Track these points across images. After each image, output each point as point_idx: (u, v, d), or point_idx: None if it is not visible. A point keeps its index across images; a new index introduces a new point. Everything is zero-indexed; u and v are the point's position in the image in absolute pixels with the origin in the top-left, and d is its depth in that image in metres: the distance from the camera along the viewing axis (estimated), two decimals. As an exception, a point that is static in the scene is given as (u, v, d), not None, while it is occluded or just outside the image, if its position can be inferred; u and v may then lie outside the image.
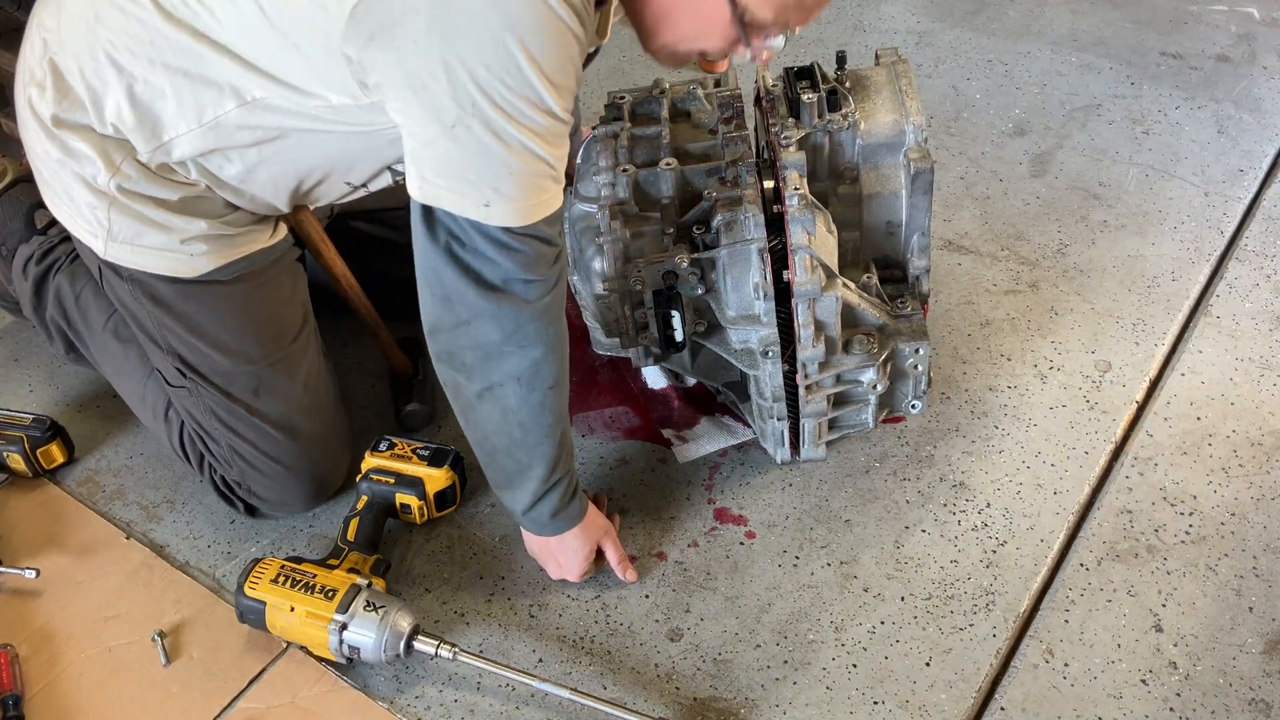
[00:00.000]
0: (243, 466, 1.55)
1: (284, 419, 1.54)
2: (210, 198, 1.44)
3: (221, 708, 1.41)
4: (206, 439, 1.56)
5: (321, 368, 1.59)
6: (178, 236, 1.43)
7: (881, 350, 1.49)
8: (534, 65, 1.15)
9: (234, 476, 1.57)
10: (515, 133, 1.19)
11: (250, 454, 1.54)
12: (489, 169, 1.21)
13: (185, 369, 1.51)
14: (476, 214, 1.23)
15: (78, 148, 1.38)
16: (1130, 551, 1.51)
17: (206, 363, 1.50)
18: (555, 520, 1.45)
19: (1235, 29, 2.45)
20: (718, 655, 1.44)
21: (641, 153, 1.53)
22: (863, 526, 1.57)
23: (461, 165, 1.22)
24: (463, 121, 1.18)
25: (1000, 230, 2.00)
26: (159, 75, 1.32)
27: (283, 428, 1.53)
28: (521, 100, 1.17)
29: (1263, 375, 1.72)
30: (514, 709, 1.40)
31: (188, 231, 1.43)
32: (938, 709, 1.37)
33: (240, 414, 1.52)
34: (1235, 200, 2.03)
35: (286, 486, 1.58)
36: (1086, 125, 2.22)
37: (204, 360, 1.50)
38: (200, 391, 1.52)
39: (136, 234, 1.42)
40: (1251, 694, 1.36)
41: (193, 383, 1.52)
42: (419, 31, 1.15)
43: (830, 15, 2.58)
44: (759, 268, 1.42)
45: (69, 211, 1.46)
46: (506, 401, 1.35)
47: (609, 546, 1.51)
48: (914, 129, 1.50)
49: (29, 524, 1.63)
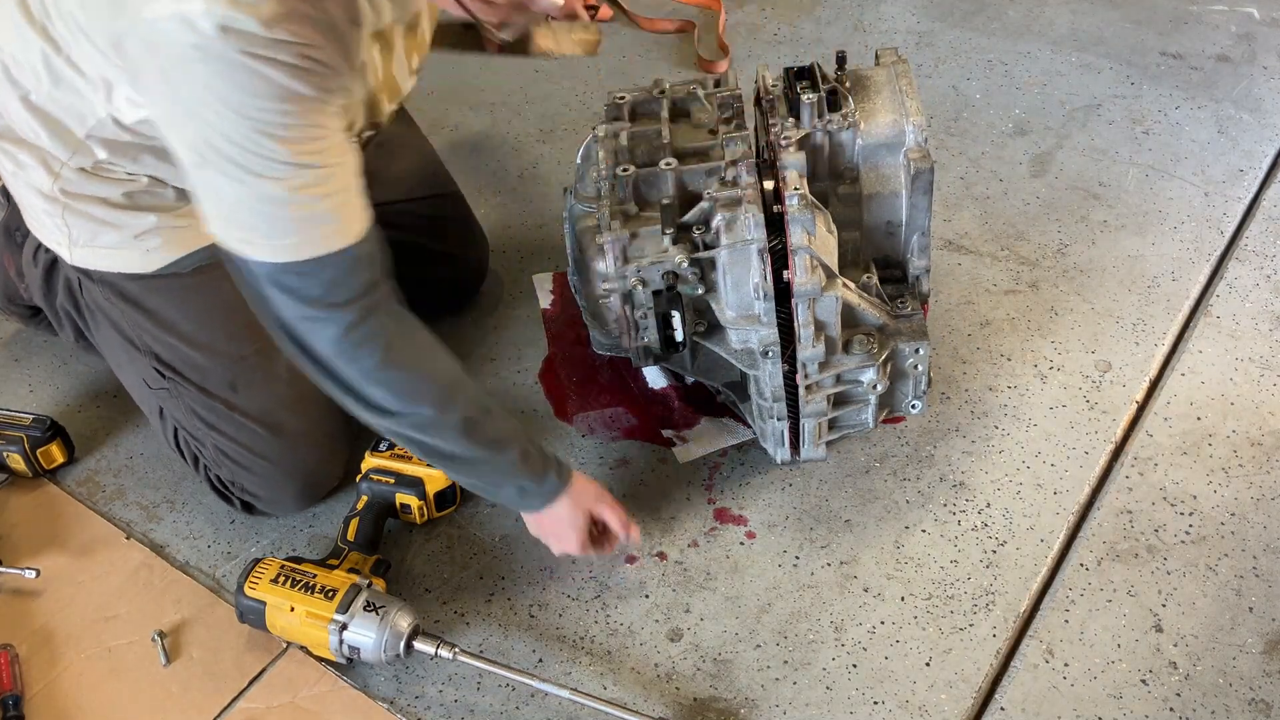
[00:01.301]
0: (231, 465, 1.55)
1: (266, 415, 1.52)
2: (157, 190, 1.43)
3: (221, 708, 1.41)
4: (193, 440, 1.56)
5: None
6: (130, 232, 1.44)
7: (881, 350, 1.49)
8: (261, 131, 1.12)
9: (225, 475, 1.57)
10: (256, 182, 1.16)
11: (235, 452, 1.54)
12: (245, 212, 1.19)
13: (162, 368, 1.51)
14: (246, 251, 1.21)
15: (23, 158, 1.41)
16: (1130, 551, 1.51)
17: (180, 358, 1.50)
18: (530, 498, 1.43)
19: (1235, 29, 2.45)
20: (718, 655, 1.44)
21: (641, 153, 1.53)
22: (863, 526, 1.57)
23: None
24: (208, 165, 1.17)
25: (1000, 230, 2.00)
26: (44, 85, 1.32)
27: (265, 424, 1.52)
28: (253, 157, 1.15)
29: (1263, 375, 1.73)
30: (514, 709, 1.40)
31: (139, 227, 1.43)
32: (938, 709, 1.37)
33: (220, 410, 1.51)
34: (1235, 200, 2.03)
35: (276, 484, 1.57)
36: (1086, 125, 2.22)
37: (177, 356, 1.50)
38: (180, 391, 1.52)
39: (93, 235, 1.44)
40: (1251, 694, 1.36)
41: (171, 383, 1.52)
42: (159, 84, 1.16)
43: (830, 15, 2.58)
44: (759, 268, 1.42)
45: (36, 225, 1.48)
46: (409, 437, 1.34)
47: (606, 511, 1.47)
48: (914, 129, 1.50)
49: (29, 524, 1.64)
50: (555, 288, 1.92)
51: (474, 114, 2.38)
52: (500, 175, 2.21)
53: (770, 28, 2.57)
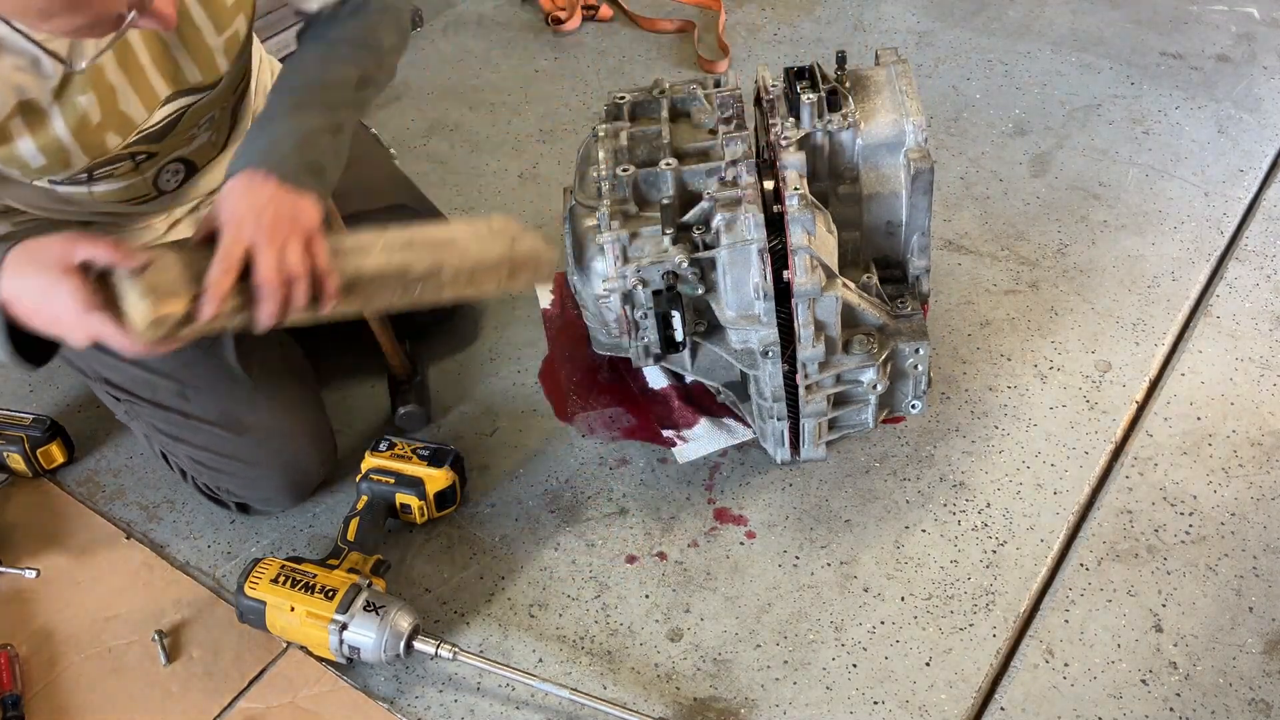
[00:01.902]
0: (208, 471, 1.54)
1: (223, 416, 1.50)
2: (21, 218, 1.39)
3: (221, 708, 1.41)
4: (168, 453, 1.56)
5: (262, 348, 1.54)
6: None
7: (881, 350, 1.49)
8: None
9: (208, 481, 1.57)
10: None
11: (206, 458, 1.53)
12: None
13: (115, 390, 1.50)
14: None
15: None
16: (1130, 551, 1.51)
17: (128, 378, 1.49)
18: None
19: (1235, 29, 2.45)
20: (718, 655, 1.44)
21: (641, 153, 1.53)
22: (863, 526, 1.57)
23: None
24: None
25: (1000, 230, 2.00)
26: None
27: (224, 425, 1.51)
28: None
29: (1263, 375, 1.73)
30: (514, 709, 1.40)
31: None
32: (938, 709, 1.37)
33: (178, 420, 1.50)
34: (1235, 200, 2.03)
35: (256, 482, 1.56)
36: (1086, 125, 2.22)
37: (125, 376, 1.49)
38: (137, 410, 1.51)
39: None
40: (1251, 694, 1.36)
41: (128, 403, 1.51)
42: None
43: (830, 15, 2.58)
44: (759, 268, 1.42)
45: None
46: None
47: (87, 249, 1.15)
48: (914, 129, 1.50)
49: (29, 524, 1.64)
50: (555, 288, 1.92)
51: (474, 114, 2.38)
52: (500, 175, 2.21)
53: (770, 28, 2.57)
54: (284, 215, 1.23)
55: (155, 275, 1.15)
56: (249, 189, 1.25)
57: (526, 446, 1.71)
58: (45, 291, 1.15)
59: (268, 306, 1.22)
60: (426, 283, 1.32)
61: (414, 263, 1.31)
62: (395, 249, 1.31)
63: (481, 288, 1.37)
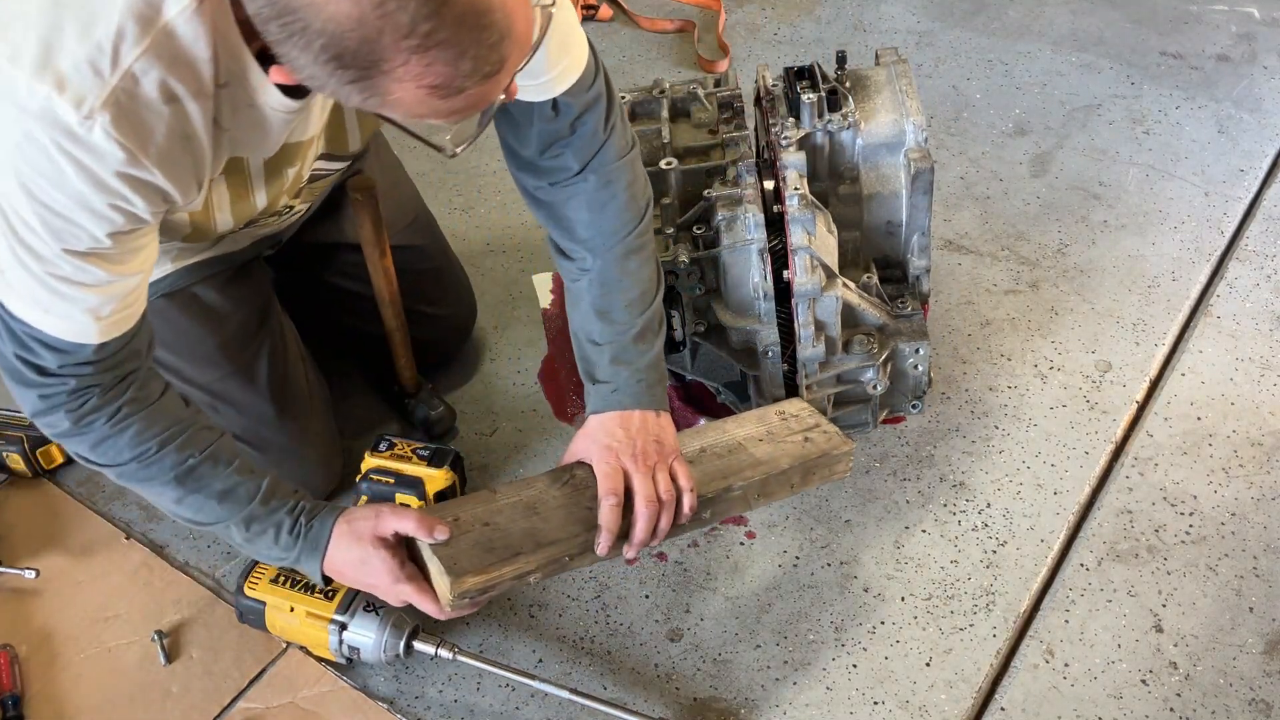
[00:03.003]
0: None
1: (248, 432, 1.51)
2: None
3: (221, 708, 1.41)
4: None
5: (292, 377, 1.57)
6: None
7: (881, 350, 1.49)
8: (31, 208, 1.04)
9: None
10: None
11: None
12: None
13: None
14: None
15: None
16: (1130, 551, 1.51)
17: None
18: (290, 551, 1.30)
19: (1235, 29, 2.45)
20: (718, 655, 1.44)
21: (642, 153, 1.53)
22: (863, 526, 1.57)
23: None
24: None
25: (1000, 230, 2.00)
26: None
27: (249, 442, 1.51)
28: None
29: (1263, 375, 1.72)
30: (514, 709, 1.40)
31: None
32: (938, 709, 1.37)
33: None
34: (1235, 200, 2.03)
35: None
36: (1086, 125, 2.22)
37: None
38: None
39: None
40: (1251, 694, 1.36)
41: None
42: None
43: (830, 15, 2.58)
44: (759, 268, 1.43)
45: None
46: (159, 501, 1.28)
47: (396, 522, 1.28)
48: (914, 129, 1.50)
49: (29, 524, 1.63)
50: (555, 288, 1.92)
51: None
52: (500, 175, 2.21)
53: (770, 28, 2.57)
54: (650, 442, 1.33)
55: (456, 549, 1.27)
56: (620, 421, 1.34)
57: (526, 446, 1.71)
58: (362, 562, 1.28)
59: (639, 535, 1.30)
60: (761, 494, 1.42)
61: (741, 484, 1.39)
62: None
63: (776, 497, 1.45)
